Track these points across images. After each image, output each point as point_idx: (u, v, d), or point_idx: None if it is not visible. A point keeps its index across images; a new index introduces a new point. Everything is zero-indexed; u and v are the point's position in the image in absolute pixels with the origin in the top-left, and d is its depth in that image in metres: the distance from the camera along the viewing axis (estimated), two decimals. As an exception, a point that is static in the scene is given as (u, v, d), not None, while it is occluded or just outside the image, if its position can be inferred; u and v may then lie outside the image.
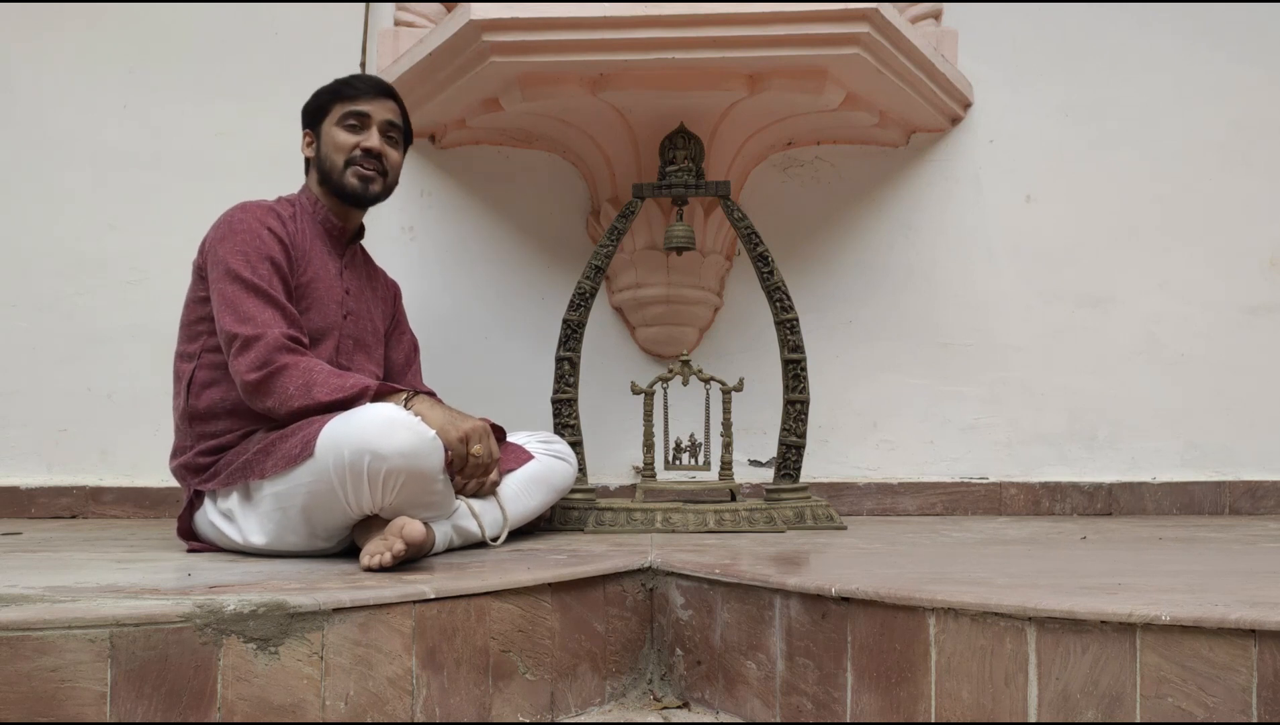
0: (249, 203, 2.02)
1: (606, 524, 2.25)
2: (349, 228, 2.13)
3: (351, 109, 2.06)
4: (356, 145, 2.05)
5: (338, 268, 2.09)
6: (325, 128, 2.08)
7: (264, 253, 1.92)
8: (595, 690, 1.58)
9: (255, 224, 1.95)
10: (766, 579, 1.49)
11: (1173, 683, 1.13)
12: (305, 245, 2.03)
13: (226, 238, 1.94)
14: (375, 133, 2.07)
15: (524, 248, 2.87)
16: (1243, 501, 2.86)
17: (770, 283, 2.41)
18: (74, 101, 2.85)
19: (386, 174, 2.09)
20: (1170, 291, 2.90)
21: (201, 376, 1.95)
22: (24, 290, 2.83)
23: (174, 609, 1.23)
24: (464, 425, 1.84)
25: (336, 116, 2.06)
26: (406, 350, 2.28)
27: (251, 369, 1.84)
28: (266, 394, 1.83)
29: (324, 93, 2.10)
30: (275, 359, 1.83)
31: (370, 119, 2.07)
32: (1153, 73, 2.91)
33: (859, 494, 2.82)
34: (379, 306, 2.20)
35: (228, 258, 1.91)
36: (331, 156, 2.06)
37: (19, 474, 2.80)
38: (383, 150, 2.08)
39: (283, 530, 1.78)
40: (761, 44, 2.33)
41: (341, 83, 2.09)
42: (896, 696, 1.32)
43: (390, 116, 2.09)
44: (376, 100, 2.08)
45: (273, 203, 2.06)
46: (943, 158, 2.91)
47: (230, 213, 1.99)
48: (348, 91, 2.07)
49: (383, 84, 2.12)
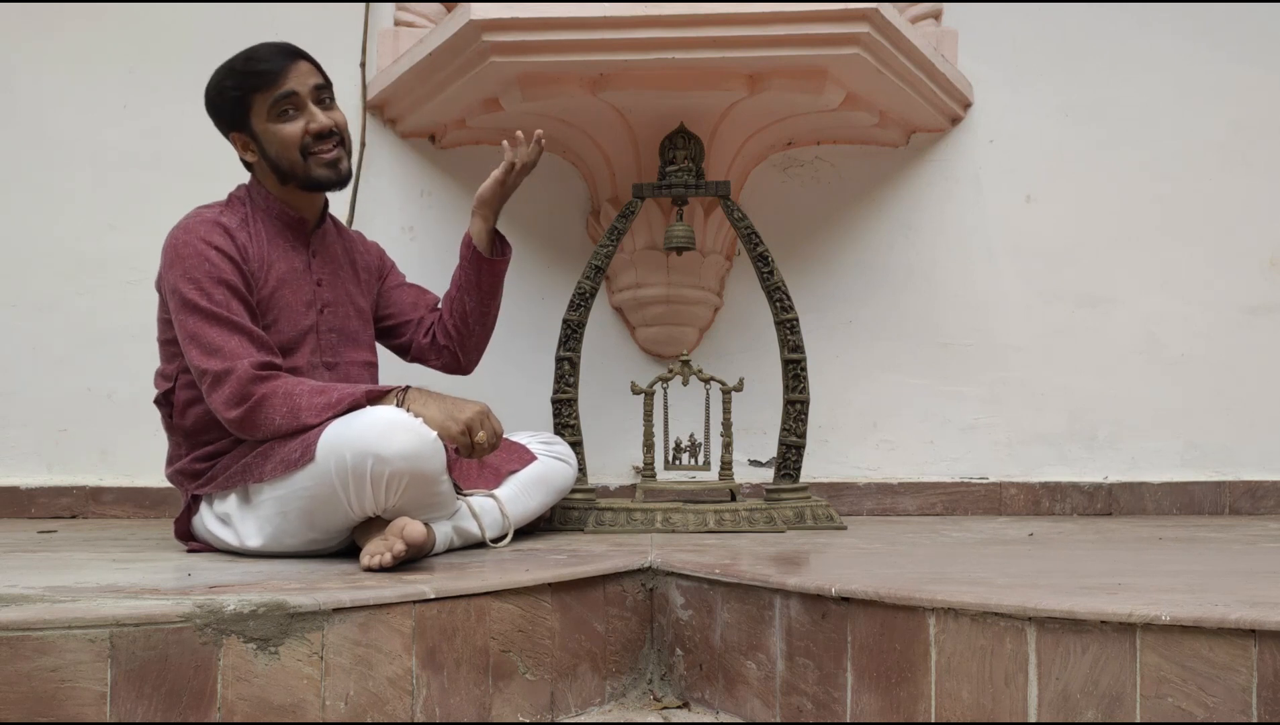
0: (190, 220, 1.88)
1: (606, 524, 2.25)
2: (311, 217, 2.00)
3: (276, 94, 1.87)
4: (304, 132, 1.89)
5: (305, 260, 1.97)
6: (259, 127, 1.90)
7: (215, 276, 1.81)
8: (595, 690, 1.58)
9: (200, 245, 1.83)
10: (766, 579, 1.49)
11: (1173, 683, 1.13)
12: (262, 251, 1.90)
13: (174, 264, 1.84)
14: (313, 108, 1.89)
15: (524, 248, 2.87)
16: (1243, 501, 2.86)
17: (770, 283, 2.41)
18: (74, 101, 2.84)
19: (344, 141, 1.94)
20: (1170, 291, 2.90)
21: (183, 396, 1.90)
22: (24, 290, 2.83)
23: (174, 609, 1.23)
24: (463, 416, 1.77)
25: (265, 110, 1.88)
26: (411, 292, 2.20)
27: (230, 406, 1.76)
28: (253, 427, 1.77)
29: (231, 89, 1.89)
30: (252, 392, 1.75)
31: (299, 96, 1.88)
32: (1153, 73, 2.91)
33: (859, 494, 2.82)
34: (359, 284, 2.08)
35: (180, 286, 1.82)
36: (284, 155, 1.90)
37: (19, 474, 2.80)
38: (331, 122, 1.91)
39: (281, 533, 1.77)
40: (761, 44, 2.33)
41: (246, 69, 1.88)
42: (896, 696, 1.32)
43: (314, 80, 1.91)
44: (292, 71, 1.88)
45: (218, 211, 1.91)
46: (943, 158, 2.91)
47: (173, 235, 1.87)
48: (261, 81, 1.87)
49: (287, 48, 1.91)
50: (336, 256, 2.05)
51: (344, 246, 2.09)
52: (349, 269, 2.07)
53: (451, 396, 1.83)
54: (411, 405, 1.77)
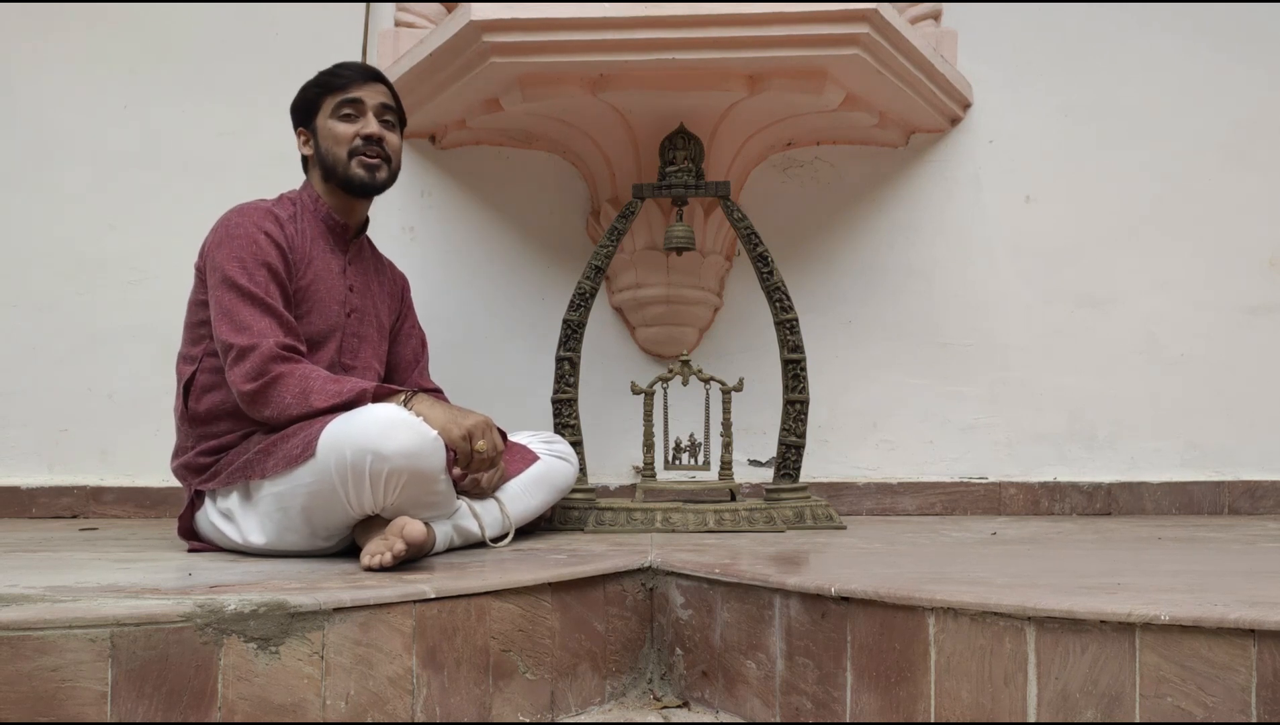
0: (246, 205, 2.00)
1: (606, 524, 2.25)
2: (352, 223, 2.11)
3: (343, 98, 2.03)
4: (355, 134, 2.02)
5: (341, 265, 2.07)
6: (320, 122, 2.05)
7: (260, 259, 1.91)
8: (595, 690, 1.58)
9: (252, 229, 1.93)
10: (766, 579, 1.50)
11: (1172, 682, 1.13)
12: (305, 246, 2.01)
13: (224, 243, 1.93)
14: (372, 118, 2.04)
15: (524, 248, 2.87)
16: (1242, 501, 2.86)
17: (770, 283, 2.41)
18: (74, 102, 2.85)
19: (390, 159, 2.06)
20: (1170, 291, 2.90)
21: (202, 380, 1.94)
22: (24, 290, 2.83)
23: (175, 609, 1.23)
24: (466, 422, 1.82)
25: (330, 109, 2.04)
26: (415, 346, 2.26)
27: (247, 379, 1.83)
28: (264, 403, 1.83)
29: (311, 87, 2.06)
30: (270, 369, 1.82)
31: (364, 105, 2.04)
32: (1153, 73, 2.91)
33: (859, 494, 2.82)
34: (385, 301, 2.18)
35: (224, 265, 1.90)
36: (333, 150, 2.03)
37: (19, 474, 2.80)
38: (382, 135, 2.04)
39: (282, 530, 1.78)
40: (761, 44, 2.33)
41: (328, 74, 2.06)
42: (896, 696, 1.32)
43: (383, 100, 2.06)
44: (366, 86, 2.05)
45: (271, 204, 2.03)
46: (942, 158, 2.91)
47: (227, 216, 1.98)
48: (336, 82, 2.04)
49: (369, 68, 2.08)
50: (369, 270, 2.16)
51: (376, 265, 2.20)
52: (377, 286, 2.17)
53: (457, 406, 1.89)
54: (416, 406, 1.81)
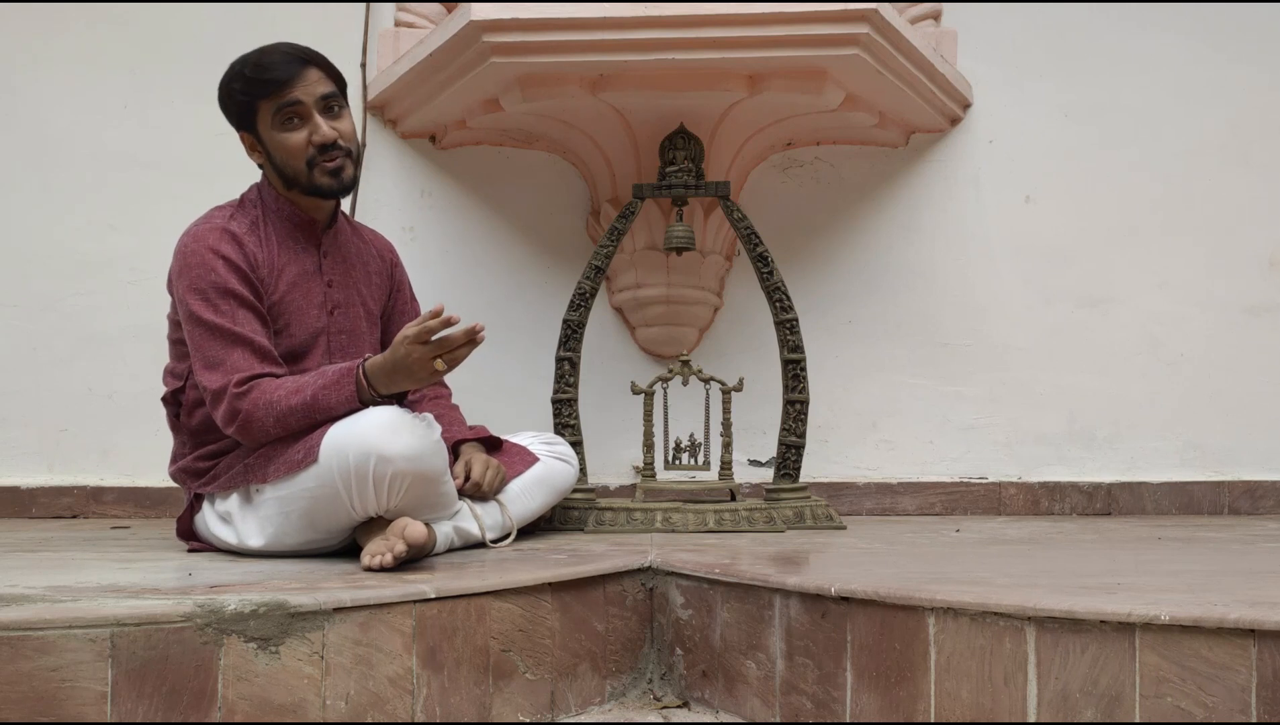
0: (199, 227, 1.88)
1: (606, 524, 2.25)
2: (323, 219, 1.98)
3: (280, 103, 1.84)
4: (307, 143, 1.86)
5: (316, 262, 1.96)
6: (264, 133, 1.88)
7: (221, 287, 1.81)
8: (595, 690, 1.58)
9: (208, 255, 1.82)
10: (766, 578, 1.50)
11: (1172, 682, 1.13)
12: (272, 256, 1.90)
13: (183, 273, 1.84)
14: (319, 120, 1.86)
15: (524, 248, 2.87)
16: (1242, 501, 2.86)
17: (770, 283, 2.41)
18: (74, 102, 2.84)
19: (350, 151, 1.90)
20: (1170, 291, 2.90)
21: (191, 396, 1.91)
22: (24, 290, 2.83)
23: (175, 609, 1.23)
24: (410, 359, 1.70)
25: (270, 118, 1.86)
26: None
27: (226, 423, 1.80)
28: (253, 440, 1.80)
29: (239, 92, 1.87)
30: (238, 409, 1.77)
31: (305, 105, 1.85)
32: (1153, 73, 2.91)
33: (859, 494, 2.82)
34: (372, 285, 2.06)
35: (186, 297, 1.83)
36: (289, 163, 1.88)
37: (19, 474, 2.80)
38: (336, 135, 1.87)
39: (282, 533, 1.78)
40: (761, 45, 2.33)
41: (255, 76, 1.85)
42: (896, 696, 1.32)
43: (322, 89, 1.87)
44: (300, 80, 1.85)
45: (228, 217, 1.89)
46: (942, 158, 2.91)
47: (182, 241, 1.87)
48: (267, 88, 1.84)
49: (295, 54, 1.87)
50: (348, 257, 2.04)
51: (357, 247, 2.07)
52: (360, 270, 2.06)
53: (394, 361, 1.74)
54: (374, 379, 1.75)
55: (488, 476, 1.94)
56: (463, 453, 2.02)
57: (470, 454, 2.00)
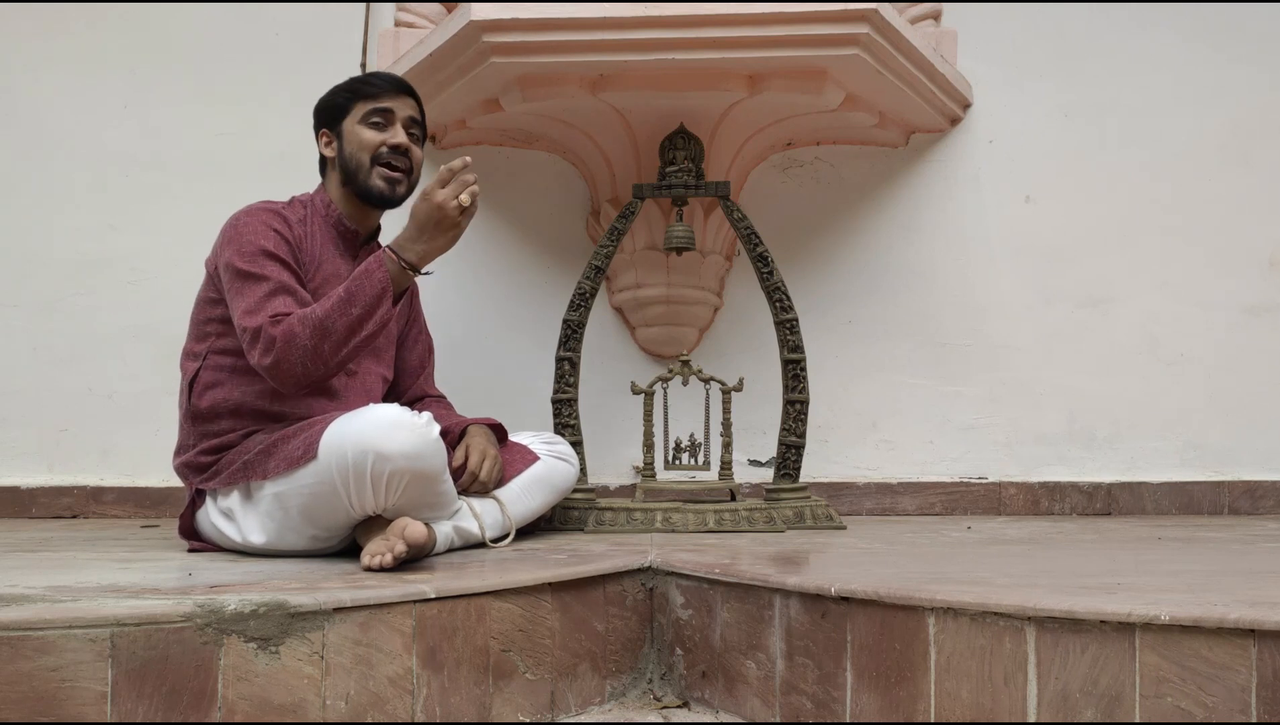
0: (255, 206, 2.00)
1: (606, 524, 2.25)
2: (364, 231, 2.08)
3: (375, 106, 2.01)
4: (383, 142, 2.00)
5: (350, 270, 2.04)
6: (347, 126, 2.03)
7: (269, 252, 1.90)
8: (595, 690, 1.58)
9: (261, 226, 1.93)
10: (766, 579, 1.50)
11: (1172, 682, 1.13)
12: (315, 249, 2.00)
13: (231, 241, 1.93)
14: (400, 129, 2.02)
15: (524, 248, 2.88)
16: (1242, 501, 2.86)
17: (770, 283, 2.41)
18: (75, 102, 2.85)
19: (411, 172, 2.05)
20: (1170, 291, 2.90)
21: (206, 377, 1.94)
22: (24, 290, 2.83)
23: (175, 609, 1.23)
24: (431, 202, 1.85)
25: (359, 115, 2.02)
26: (421, 352, 2.24)
27: (263, 355, 1.82)
28: (290, 366, 1.81)
29: (342, 91, 2.05)
30: (273, 336, 1.81)
31: (394, 115, 2.02)
32: (1153, 73, 2.91)
33: (859, 494, 2.82)
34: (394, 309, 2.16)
35: (233, 260, 1.90)
36: (357, 155, 2.01)
37: (19, 474, 2.80)
38: (409, 146, 2.03)
39: (283, 530, 1.79)
40: (761, 44, 2.33)
41: (361, 81, 2.06)
42: (896, 696, 1.32)
43: (412, 113, 2.05)
44: (398, 97, 2.04)
45: (281, 205, 2.03)
46: (942, 158, 2.91)
47: (236, 216, 1.97)
48: (369, 90, 2.03)
49: (403, 81, 2.08)
50: None
51: None
52: None
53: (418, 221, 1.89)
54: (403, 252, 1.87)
55: (484, 467, 1.95)
56: (468, 435, 2.02)
57: (472, 440, 2.01)
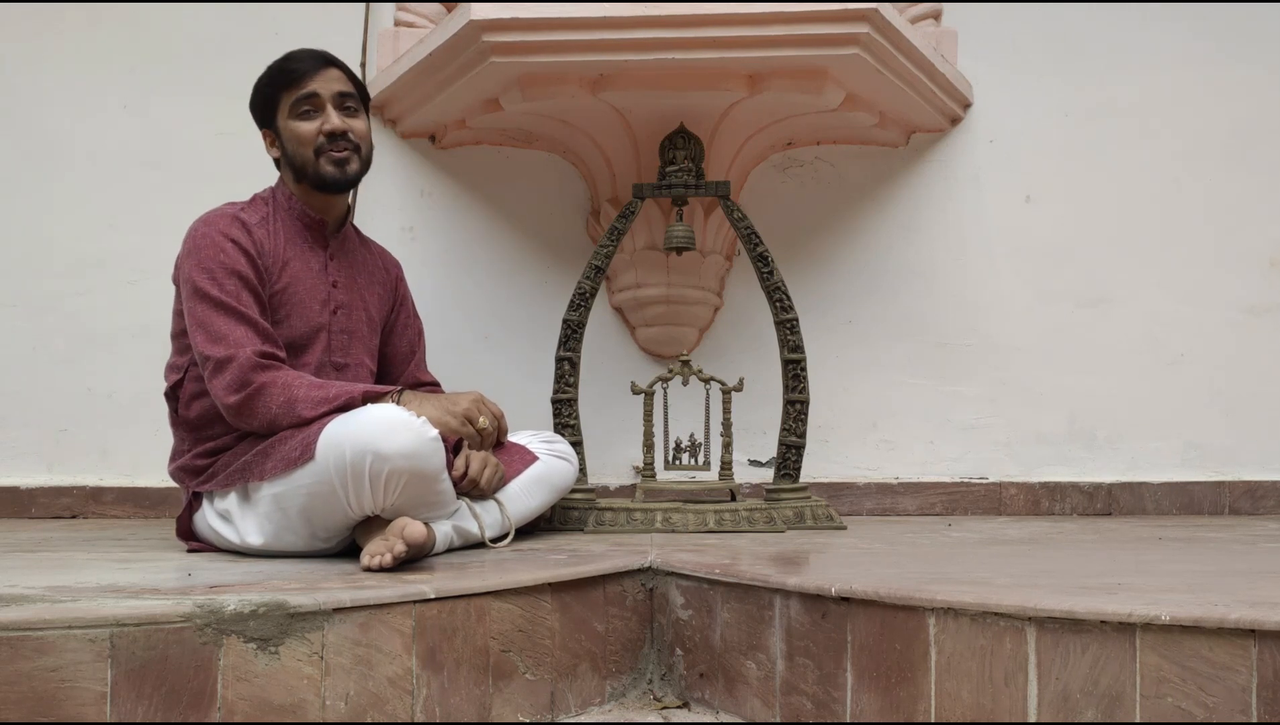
0: (212, 213, 1.96)
1: (606, 524, 2.25)
2: (330, 218, 2.05)
3: (299, 94, 1.96)
4: (318, 131, 1.96)
5: (322, 262, 2.03)
6: (281, 123, 1.99)
7: (229, 267, 1.87)
8: (595, 690, 1.58)
9: (218, 237, 1.90)
10: (766, 579, 1.49)
11: (1172, 683, 1.13)
12: (279, 249, 1.97)
13: (191, 254, 1.90)
14: (332, 112, 1.97)
15: (524, 248, 2.87)
16: (1242, 501, 2.86)
17: (770, 283, 2.41)
18: (74, 101, 2.84)
19: (359, 147, 2.00)
20: (1170, 291, 2.90)
21: (190, 388, 1.93)
22: (24, 290, 2.83)
23: (174, 609, 1.23)
24: (459, 408, 1.85)
25: (288, 108, 1.97)
26: (411, 338, 2.23)
27: (229, 391, 1.81)
28: (250, 415, 1.81)
29: (264, 85, 2.00)
30: (251, 379, 1.80)
31: (321, 98, 1.96)
32: (1153, 73, 2.91)
33: (859, 494, 2.82)
34: (375, 293, 2.14)
35: (194, 276, 1.88)
36: (299, 152, 1.97)
37: (19, 474, 2.80)
38: (346, 126, 1.97)
39: (281, 530, 1.78)
40: (761, 44, 2.33)
41: (279, 69, 1.98)
42: (896, 696, 1.32)
43: (339, 87, 1.98)
44: (320, 75, 1.97)
45: (240, 208, 1.99)
46: (943, 158, 2.91)
47: (193, 227, 1.94)
48: (287, 76, 1.97)
49: (319, 54, 2.00)
50: (354, 263, 2.11)
51: (363, 256, 2.15)
52: (365, 277, 2.13)
53: (444, 394, 1.92)
54: (408, 405, 1.80)
55: (485, 474, 1.94)
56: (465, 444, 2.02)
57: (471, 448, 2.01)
